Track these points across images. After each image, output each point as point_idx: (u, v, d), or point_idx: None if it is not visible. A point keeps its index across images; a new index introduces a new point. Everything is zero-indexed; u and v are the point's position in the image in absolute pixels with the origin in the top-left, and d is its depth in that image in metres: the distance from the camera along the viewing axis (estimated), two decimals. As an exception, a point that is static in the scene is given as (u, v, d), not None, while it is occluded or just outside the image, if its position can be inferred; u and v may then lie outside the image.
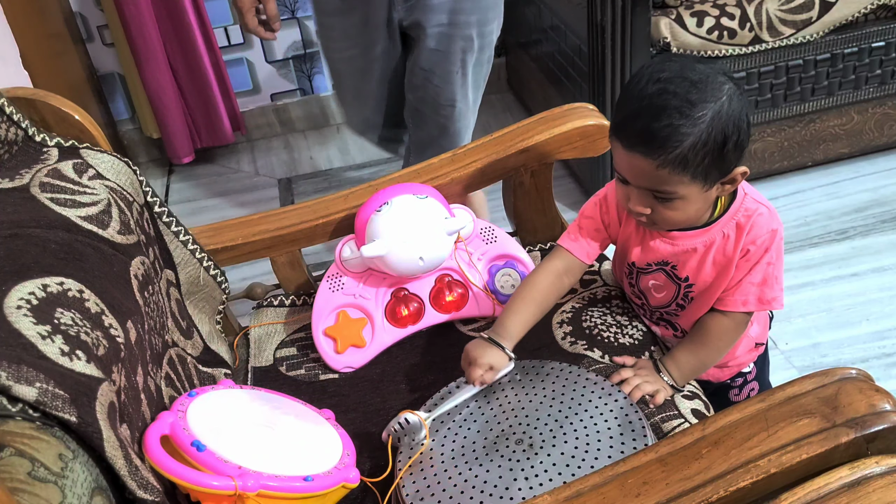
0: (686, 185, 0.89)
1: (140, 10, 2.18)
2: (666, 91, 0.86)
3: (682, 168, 0.87)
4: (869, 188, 2.01)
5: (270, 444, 0.89)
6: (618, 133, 0.90)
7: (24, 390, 0.65)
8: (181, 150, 2.44)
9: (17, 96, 1.03)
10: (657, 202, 0.92)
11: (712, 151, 0.87)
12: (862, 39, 1.86)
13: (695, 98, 0.85)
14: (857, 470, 0.68)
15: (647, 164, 0.87)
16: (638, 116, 0.87)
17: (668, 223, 0.95)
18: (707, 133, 0.85)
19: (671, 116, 0.85)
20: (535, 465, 0.85)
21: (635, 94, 0.88)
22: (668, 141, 0.85)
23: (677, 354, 1.02)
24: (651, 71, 0.88)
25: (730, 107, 0.86)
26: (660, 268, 1.03)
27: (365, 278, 1.17)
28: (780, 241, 0.98)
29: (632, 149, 0.88)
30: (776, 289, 0.98)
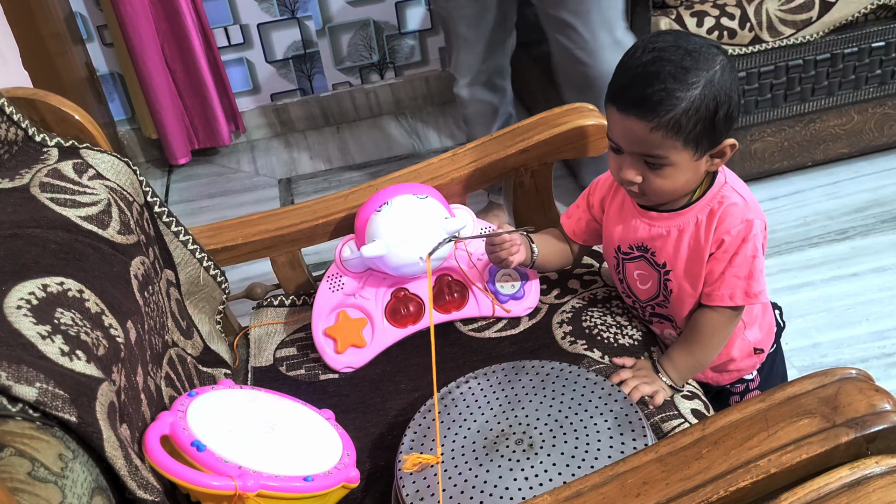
0: (678, 151, 0.92)
1: (136, 10, 2.18)
2: (661, 59, 0.90)
3: (676, 132, 0.90)
4: (869, 188, 2.01)
5: (270, 445, 0.89)
6: (613, 99, 0.93)
7: (24, 390, 0.65)
8: (178, 151, 2.44)
9: (17, 96, 1.03)
10: (648, 170, 0.94)
11: (704, 118, 0.90)
12: (862, 39, 1.86)
13: (689, 65, 0.89)
14: (857, 470, 0.68)
15: (641, 126, 0.90)
16: (633, 82, 0.91)
17: (658, 193, 0.96)
18: (700, 99, 0.89)
19: (665, 81, 0.88)
20: (535, 465, 0.85)
21: (631, 63, 0.92)
22: (661, 104, 0.89)
23: (673, 354, 1.03)
24: (646, 42, 0.93)
25: (722, 76, 0.90)
26: (641, 255, 1.05)
27: (365, 278, 1.17)
28: (761, 235, 0.98)
29: (626, 112, 0.91)
30: (762, 282, 0.99)
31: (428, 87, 2.66)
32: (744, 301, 0.98)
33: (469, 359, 1.12)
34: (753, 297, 0.98)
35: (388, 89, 2.64)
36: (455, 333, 1.18)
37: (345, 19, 2.48)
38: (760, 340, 1.11)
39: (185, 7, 2.21)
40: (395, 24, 2.52)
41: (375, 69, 2.60)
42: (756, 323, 1.10)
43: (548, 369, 0.98)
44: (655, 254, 1.03)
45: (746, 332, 1.08)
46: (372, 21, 2.50)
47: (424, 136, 2.55)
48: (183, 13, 2.21)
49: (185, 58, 2.30)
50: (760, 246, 0.98)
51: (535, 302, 1.18)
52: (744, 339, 1.09)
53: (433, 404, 0.98)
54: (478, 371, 1.00)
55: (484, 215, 1.95)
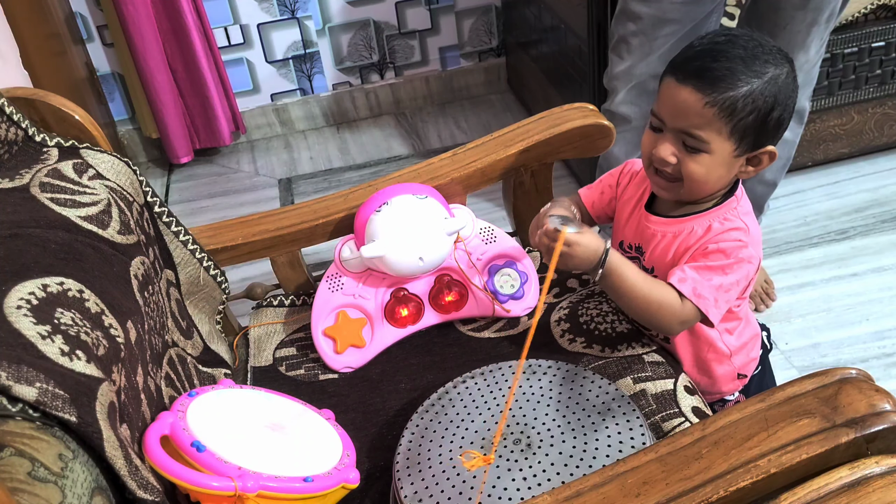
0: (721, 138, 0.90)
1: (138, 10, 2.18)
2: (734, 42, 0.89)
3: (728, 115, 0.88)
4: (869, 188, 2.01)
5: (270, 445, 0.89)
6: (674, 69, 0.91)
7: (24, 390, 0.65)
8: (180, 150, 2.44)
9: (17, 96, 1.03)
10: (685, 152, 0.92)
11: (759, 110, 0.88)
12: (862, 39, 1.86)
13: (759, 54, 0.88)
14: (857, 470, 0.68)
15: (697, 99, 0.88)
16: (700, 56, 0.89)
17: (690, 180, 0.93)
18: (761, 90, 0.88)
19: (732, 60, 0.87)
20: (534, 465, 0.85)
21: (703, 41, 0.91)
22: (723, 80, 0.87)
23: (628, 263, 0.96)
24: (722, 29, 0.92)
25: (786, 80, 0.90)
26: (636, 256, 1.05)
27: (364, 278, 1.17)
28: (747, 263, 0.95)
29: (684, 81, 0.89)
30: (713, 296, 0.94)
31: (428, 87, 2.66)
32: (690, 294, 0.93)
33: (468, 358, 1.12)
34: (698, 297, 0.93)
35: (388, 89, 2.64)
36: (454, 333, 1.18)
37: (345, 19, 2.48)
38: (745, 366, 1.11)
39: (187, 6, 2.21)
40: (395, 24, 2.52)
41: (375, 69, 2.60)
42: (743, 350, 1.09)
43: (545, 368, 0.98)
44: (646, 258, 1.03)
45: (733, 359, 1.08)
46: (372, 21, 2.50)
47: (424, 136, 2.55)
48: (184, 13, 2.21)
49: (186, 57, 2.30)
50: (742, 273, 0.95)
51: (535, 301, 1.18)
52: (730, 363, 1.09)
53: (431, 405, 0.98)
54: (476, 371, 1.00)
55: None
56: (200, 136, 2.47)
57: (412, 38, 2.57)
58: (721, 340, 1.06)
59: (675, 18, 1.41)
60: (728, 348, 1.07)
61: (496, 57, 2.67)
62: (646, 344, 1.07)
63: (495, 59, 2.67)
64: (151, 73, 2.29)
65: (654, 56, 1.48)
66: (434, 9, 2.52)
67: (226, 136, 2.46)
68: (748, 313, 1.10)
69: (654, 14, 1.41)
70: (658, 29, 1.42)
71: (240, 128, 2.51)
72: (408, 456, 0.91)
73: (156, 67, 2.28)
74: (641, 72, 1.50)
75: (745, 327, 1.09)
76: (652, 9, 1.40)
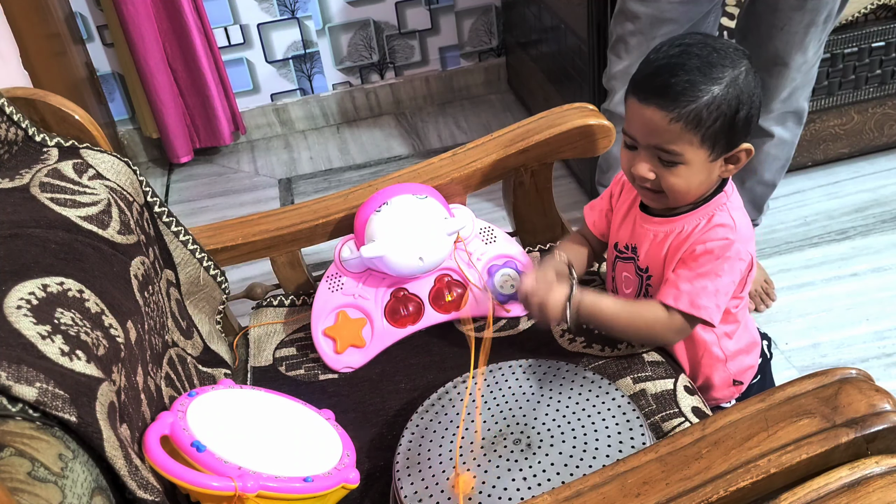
0: (694, 148, 0.90)
1: (138, 9, 2.18)
2: (688, 52, 0.89)
3: (695, 126, 0.88)
4: (869, 188, 2.01)
5: (270, 445, 0.89)
6: (635, 89, 0.92)
7: (24, 390, 0.65)
8: (180, 150, 2.44)
9: (17, 96, 1.03)
10: (662, 167, 0.93)
11: (725, 115, 0.89)
12: (862, 39, 1.86)
13: (715, 60, 0.88)
14: (857, 470, 0.68)
15: (661, 116, 0.89)
16: (658, 72, 0.90)
17: (671, 192, 0.95)
18: (723, 95, 0.88)
19: (690, 72, 0.88)
20: (534, 465, 0.85)
21: (657, 56, 0.91)
22: (683, 95, 0.88)
23: (602, 297, 0.97)
24: (673, 39, 0.92)
25: (746, 78, 0.90)
26: (631, 257, 1.05)
27: (364, 278, 1.17)
28: (738, 261, 0.95)
29: (647, 101, 0.90)
30: (713, 303, 0.94)
31: (428, 87, 2.66)
32: (688, 308, 0.94)
33: (468, 358, 1.12)
34: (697, 308, 0.94)
35: (388, 89, 2.64)
36: (455, 333, 1.17)
37: (345, 19, 2.48)
38: (741, 373, 1.10)
39: (187, 6, 2.22)
40: (395, 24, 2.52)
41: (375, 69, 2.60)
42: (739, 356, 1.09)
43: (545, 368, 0.98)
44: (640, 258, 1.03)
45: (729, 364, 1.08)
46: (372, 21, 2.50)
47: (424, 136, 2.55)
48: (184, 12, 2.22)
49: (187, 57, 2.30)
50: (735, 271, 0.95)
51: (535, 302, 1.18)
52: (726, 369, 1.08)
53: (431, 405, 0.98)
54: (476, 371, 1.00)
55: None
56: (200, 135, 2.47)
57: (412, 38, 2.57)
58: (718, 345, 1.06)
59: (673, 18, 1.41)
60: (724, 353, 1.06)
61: (496, 57, 2.67)
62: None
63: (495, 59, 2.67)
64: (151, 73, 2.29)
65: None
66: (434, 9, 2.52)
67: (226, 135, 2.46)
68: (748, 320, 1.10)
69: (652, 14, 1.41)
70: (656, 28, 1.42)
71: (239, 128, 2.51)
72: (408, 456, 0.91)
73: (156, 67, 2.28)
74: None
75: (744, 333, 1.09)
76: (650, 8, 1.41)
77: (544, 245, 1.32)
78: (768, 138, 1.59)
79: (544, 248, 1.31)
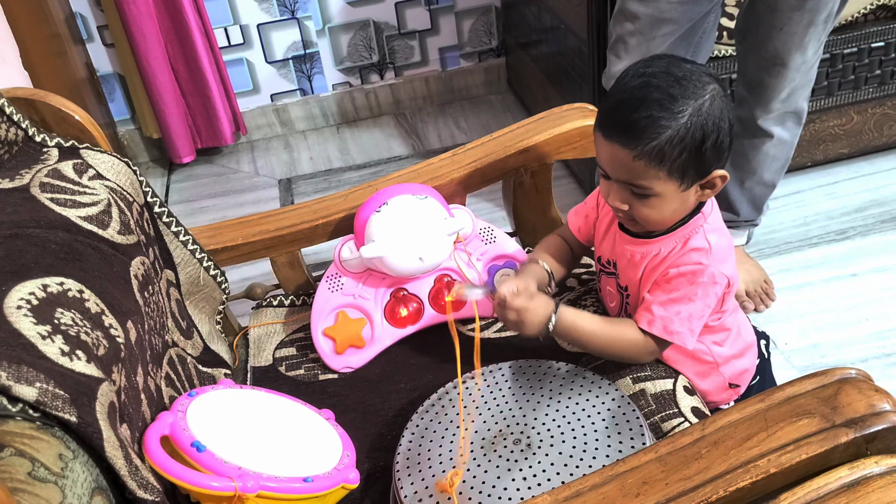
0: (662, 181, 0.89)
1: (140, 10, 2.18)
2: (649, 84, 0.87)
3: (659, 162, 0.88)
4: (869, 188, 2.01)
5: (270, 445, 0.89)
6: (599, 124, 0.91)
7: (24, 390, 0.65)
8: (182, 150, 2.44)
9: (17, 96, 1.03)
10: (634, 199, 0.93)
11: (690, 148, 0.87)
12: (862, 39, 1.86)
13: (676, 93, 0.86)
14: (857, 470, 0.68)
15: (625, 154, 0.88)
16: (619, 107, 0.89)
17: (646, 221, 0.95)
18: (686, 128, 0.86)
19: (650, 108, 0.86)
20: (534, 465, 0.85)
21: (619, 88, 0.90)
22: (645, 132, 0.86)
23: (581, 314, 0.98)
24: (637, 67, 0.90)
25: (711, 106, 0.88)
26: (612, 273, 1.05)
27: (364, 278, 1.17)
28: (712, 284, 0.95)
29: (611, 138, 0.89)
30: (686, 327, 0.95)
31: (428, 87, 2.66)
32: (661, 333, 0.95)
33: (469, 359, 1.12)
34: (670, 334, 0.95)
35: (388, 89, 2.64)
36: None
37: (345, 19, 2.48)
38: (736, 376, 1.10)
39: (188, 6, 2.22)
40: (395, 24, 2.52)
41: (375, 69, 2.61)
42: (732, 360, 1.08)
43: (545, 368, 0.98)
44: (619, 276, 1.03)
45: (722, 369, 1.07)
46: (372, 21, 2.50)
47: (424, 136, 2.55)
48: (186, 12, 2.22)
49: (188, 57, 2.30)
50: (709, 294, 0.95)
51: (535, 302, 1.18)
52: (719, 374, 1.08)
53: (431, 405, 0.98)
54: (476, 371, 1.00)
55: None
56: (202, 135, 2.47)
57: (412, 39, 2.57)
58: (709, 353, 1.05)
59: (673, 18, 1.41)
60: (715, 359, 1.06)
61: (496, 57, 2.67)
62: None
63: (495, 60, 2.67)
64: (153, 73, 2.29)
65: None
66: (434, 9, 2.52)
67: (227, 135, 2.46)
68: (740, 324, 1.09)
69: (651, 14, 1.41)
70: (655, 29, 1.42)
71: (240, 128, 2.51)
72: (408, 456, 0.91)
73: (158, 67, 2.28)
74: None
75: (736, 338, 1.08)
76: (649, 8, 1.41)
77: (544, 245, 1.32)
78: (768, 138, 1.59)
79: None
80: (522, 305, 0.94)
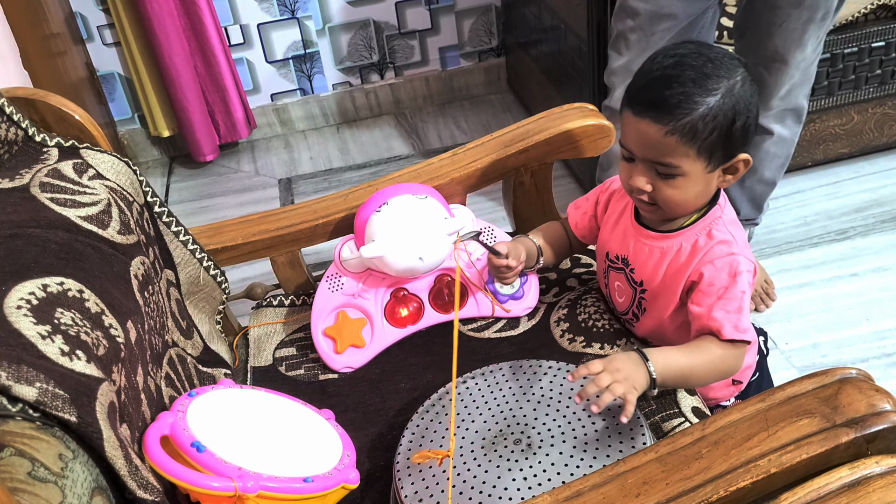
0: (690, 160, 0.90)
1: (161, 7, 2.18)
2: (682, 63, 0.88)
3: (690, 138, 0.88)
4: (869, 188, 2.01)
5: (270, 445, 0.89)
6: (629, 102, 0.91)
7: (24, 390, 0.65)
8: (205, 148, 2.44)
9: (17, 96, 1.03)
10: (659, 179, 0.92)
11: (721, 126, 0.88)
12: (862, 39, 1.86)
13: (709, 71, 0.87)
14: (857, 470, 0.68)
15: (656, 130, 0.88)
16: (652, 85, 0.89)
17: (668, 204, 0.94)
18: (718, 106, 0.87)
19: (684, 84, 0.87)
20: (534, 465, 0.85)
21: (651, 67, 0.91)
22: (678, 108, 0.87)
23: (666, 350, 0.94)
24: (667, 49, 0.91)
25: (742, 87, 0.89)
26: (622, 268, 1.05)
27: (364, 278, 1.17)
28: (748, 274, 0.95)
29: (642, 115, 0.89)
30: (748, 321, 0.95)
31: (428, 87, 2.66)
32: (733, 335, 0.94)
33: (468, 359, 1.12)
34: (742, 331, 0.94)
35: (388, 89, 2.64)
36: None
37: (345, 19, 2.48)
38: (740, 372, 1.09)
39: (203, 3, 2.22)
40: (395, 24, 2.52)
41: (375, 69, 2.61)
42: None
43: (545, 368, 0.98)
44: (634, 271, 1.03)
45: None
46: (372, 21, 2.50)
47: (424, 136, 2.55)
48: (202, 9, 2.22)
49: (206, 53, 2.30)
50: (748, 284, 0.95)
51: (535, 301, 1.18)
52: None
53: (431, 405, 0.98)
54: (476, 371, 1.00)
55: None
56: (221, 132, 2.47)
57: (412, 38, 2.57)
58: None
59: (673, 14, 1.41)
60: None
61: (496, 57, 2.67)
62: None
63: (495, 59, 2.67)
64: (177, 72, 2.28)
65: (651, 52, 1.48)
66: (434, 9, 2.52)
67: (243, 130, 2.47)
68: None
69: (651, 10, 1.41)
70: (655, 24, 1.43)
71: (251, 122, 2.51)
72: (408, 456, 0.91)
73: (181, 65, 2.28)
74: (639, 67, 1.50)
75: None
76: (649, 4, 1.41)
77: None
78: (767, 136, 1.59)
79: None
80: (609, 366, 0.88)
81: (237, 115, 2.43)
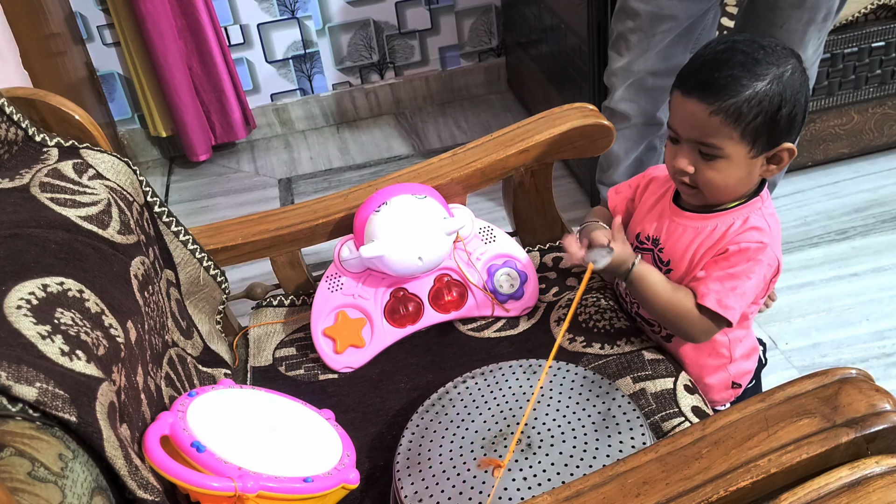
0: (734, 143, 0.91)
1: (156, 8, 2.18)
2: (734, 48, 0.90)
3: (735, 120, 0.89)
4: (869, 188, 2.01)
5: (270, 445, 0.89)
6: (679, 82, 0.93)
7: (24, 390, 0.65)
8: (199, 148, 2.44)
9: (17, 96, 1.03)
10: (702, 160, 0.93)
11: (766, 112, 0.89)
12: (862, 39, 1.86)
13: (760, 57, 0.89)
14: (857, 470, 0.68)
15: (701, 109, 0.90)
16: (702, 67, 0.91)
17: (709, 187, 0.95)
18: (765, 91, 0.88)
19: (733, 68, 0.88)
20: (534, 465, 0.85)
21: (704, 52, 0.93)
22: (725, 89, 0.88)
23: (656, 271, 0.99)
24: (723, 36, 0.94)
25: (792, 76, 0.90)
26: (650, 249, 1.05)
27: (364, 278, 1.17)
28: (766, 263, 0.96)
29: (689, 94, 0.91)
30: (738, 303, 0.95)
31: (428, 87, 2.66)
32: (714, 306, 0.94)
33: (468, 358, 1.12)
34: (723, 307, 0.94)
35: (388, 89, 2.64)
36: (454, 333, 1.18)
37: (345, 19, 2.48)
38: (740, 376, 1.10)
39: (200, 3, 2.22)
40: (395, 24, 2.52)
41: (375, 69, 2.61)
42: (741, 360, 1.09)
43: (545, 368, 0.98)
44: (664, 250, 1.03)
45: (730, 367, 1.08)
46: (372, 21, 2.50)
47: (424, 136, 2.55)
48: (199, 10, 2.22)
49: (203, 54, 2.30)
50: (763, 275, 0.96)
51: (534, 301, 1.18)
52: (727, 371, 1.08)
53: (431, 405, 0.98)
54: (476, 371, 1.00)
55: None
56: (217, 132, 2.47)
57: (412, 38, 2.57)
58: (727, 347, 1.06)
59: (673, 15, 1.41)
60: (730, 355, 1.07)
61: (496, 57, 2.67)
62: (645, 340, 1.08)
63: (495, 59, 2.67)
64: (171, 72, 2.28)
65: (651, 53, 1.48)
66: (434, 9, 2.52)
67: (240, 131, 2.47)
68: (751, 326, 1.10)
69: (652, 11, 1.41)
70: (656, 25, 1.43)
71: (250, 122, 2.51)
72: (408, 456, 0.91)
73: (175, 65, 2.28)
74: (639, 68, 1.50)
75: (748, 338, 1.09)
76: (650, 6, 1.41)
77: (544, 245, 1.32)
78: None
79: (544, 248, 1.31)
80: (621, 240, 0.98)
81: (235, 115, 2.43)
